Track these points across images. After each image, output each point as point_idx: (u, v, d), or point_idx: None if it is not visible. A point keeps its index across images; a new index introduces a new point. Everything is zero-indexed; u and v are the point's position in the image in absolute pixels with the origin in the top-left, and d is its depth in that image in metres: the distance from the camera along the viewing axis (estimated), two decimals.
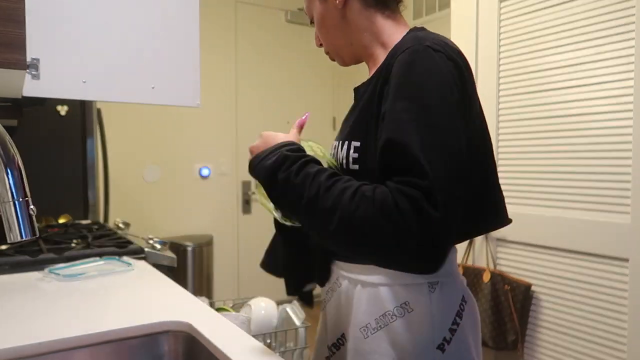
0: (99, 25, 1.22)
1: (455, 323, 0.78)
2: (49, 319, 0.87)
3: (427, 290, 0.77)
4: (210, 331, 0.81)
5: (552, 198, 1.80)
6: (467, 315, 0.80)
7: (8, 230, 0.67)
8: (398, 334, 0.77)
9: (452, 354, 0.77)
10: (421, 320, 0.76)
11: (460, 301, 0.80)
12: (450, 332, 0.77)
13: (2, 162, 0.67)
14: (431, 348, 0.76)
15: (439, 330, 0.77)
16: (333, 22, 0.89)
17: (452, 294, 0.79)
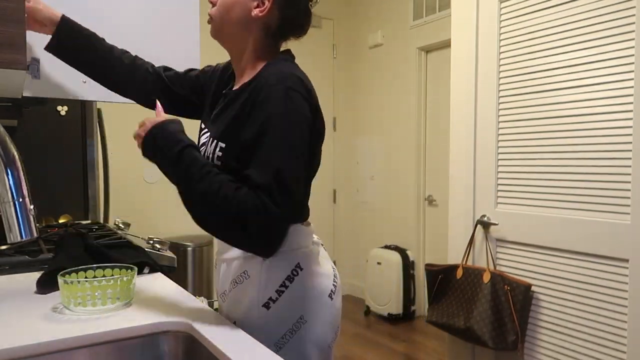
0: (99, 26, 1.22)
1: (284, 285, 0.96)
2: (48, 319, 0.87)
3: (260, 260, 0.97)
4: (210, 331, 0.81)
5: (552, 198, 1.80)
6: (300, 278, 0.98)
7: (8, 231, 0.67)
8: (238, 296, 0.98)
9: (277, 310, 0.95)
10: (253, 283, 0.97)
11: (294, 267, 0.98)
12: (277, 292, 0.95)
13: (2, 162, 0.67)
14: (256, 306, 0.96)
15: (264, 291, 0.96)
16: (240, 14, 1.01)
17: (284, 261, 0.97)
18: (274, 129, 0.90)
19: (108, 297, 0.91)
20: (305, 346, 0.97)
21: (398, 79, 3.91)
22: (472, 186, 2.08)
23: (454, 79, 2.16)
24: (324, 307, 1.00)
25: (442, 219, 3.65)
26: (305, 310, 0.97)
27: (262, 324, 0.95)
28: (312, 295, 0.99)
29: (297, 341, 0.96)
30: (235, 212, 0.84)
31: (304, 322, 0.97)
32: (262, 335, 0.90)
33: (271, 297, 0.96)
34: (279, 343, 0.95)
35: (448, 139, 2.26)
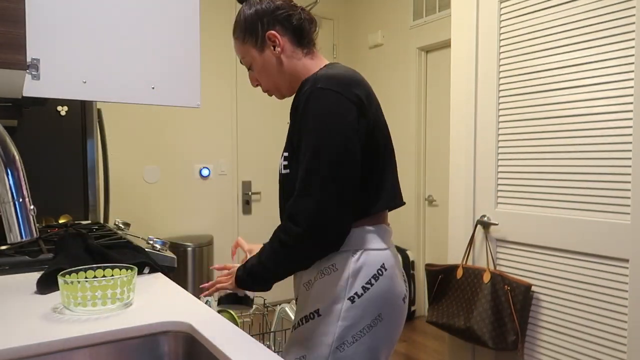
0: (99, 25, 1.22)
1: (370, 283, 1.02)
2: (48, 319, 0.87)
3: (350, 256, 1.03)
4: (210, 331, 0.81)
5: (552, 198, 1.80)
6: (384, 278, 1.04)
7: (8, 231, 0.67)
8: (325, 287, 1.03)
9: (361, 305, 1.01)
10: (340, 277, 1.02)
11: (380, 267, 1.04)
12: (362, 289, 1.02)
13: (2, 162, 0.67)
14: (343, 298, 1.02)
15: (352, 286, 1.02)
16: (273, 67, 1.13)
17: (372, 259, 1.04)
18: (305, 134, 1.00)
19: (108, 297, 0.91)
20: (377, 342, 1.03)
21: (398, 79, 3.91)
22: (472, 186, 2.08)
23: (454, 79, 2.16)
24: (398, 309, 1.07)
25: (442, 219, 3.65)
26: (384, 309, 1.04)
27: (345, 316, 1.01)
28: (391, 296, 1.05)
29: (372, 336, 1.02)
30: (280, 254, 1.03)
31: (381, 320, 1.03)
32: (342, 325, 1.00)
33: (357, 292, 1.01)
34: (356, 335, 1.01)
35: (448, 139, 2.26)
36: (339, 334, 1.00)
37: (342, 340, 1.00)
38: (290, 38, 1.11)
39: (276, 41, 1.10)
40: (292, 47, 1.12)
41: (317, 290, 1.05)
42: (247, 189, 3.92)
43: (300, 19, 1.11)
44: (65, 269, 0.98)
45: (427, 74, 3.78)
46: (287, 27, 1.11)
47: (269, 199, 4.00)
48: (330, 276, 1.03)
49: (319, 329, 1.02)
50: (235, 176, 3.88)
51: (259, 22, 1.10)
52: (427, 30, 3.64)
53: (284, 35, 1.11)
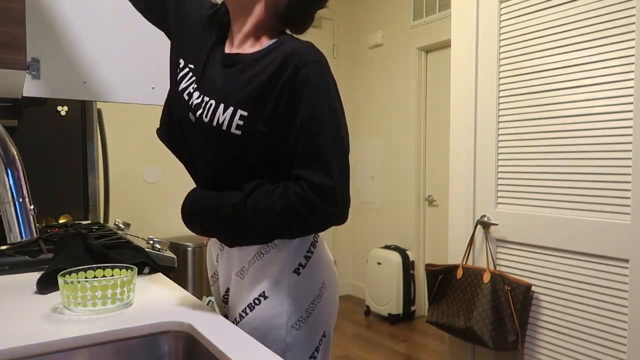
0: (99, 26, 1.22)
1: (310, 251, 0.98)
2: (48, 319, 0.87)
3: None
4: (210, 331, 0.81)
5: (552, 199, 1.80)
6: (320, 244, 1.01)
7: (8, 231, 0.67)
8: (265, 267, 0.96)
9: (305, 277, 0.96)
10: (282, 251, 0.96)
11: (312, 238, 1.00)
12: (305, 258, 0.97)
13: (2, 162, 0.67)
14: (287, 272, 0.96)
15: (294, 258, 0.96)
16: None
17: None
18: (323, 114, 0.90)
19: (108, 297, 0.91)
20: (325, 312, 0.99)
21: (398, 79, 3.91)
22: (472, 186, 2.08)
23: (454, 79, 2.16)
24: (334, 275, 1.04)
25: (442, 219, 3.65)
26: (325, 276, 1.00)
27: (293, 291, 0.95)
28: (327, 261, 1.02)
29: (321, 307, 0.98)
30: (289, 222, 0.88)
31: (325, 288, 0.99)
32: (293, 302, 0.94)
33: (300, 263, 0.96)
34: (309, 309, 0.96)
35: (448, 139, 2.26)
36: (292, 311, 0.94)
37: (296, 318, 0.95)
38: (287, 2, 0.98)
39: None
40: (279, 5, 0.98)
41: (255, 274, 0.97)
42: None
43: (305, 10, 1.01)
44: (65, 269, 0.98)
45: (427, 74, 3.78)
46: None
47: None
48: (269, 254, 0.96)
49: (269, 311, 0.94)
50: None
51: None
52: (427, 30, 3.64)
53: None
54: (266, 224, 0.89)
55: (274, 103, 0.91)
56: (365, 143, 4.25)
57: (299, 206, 0.87)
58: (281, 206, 0.87)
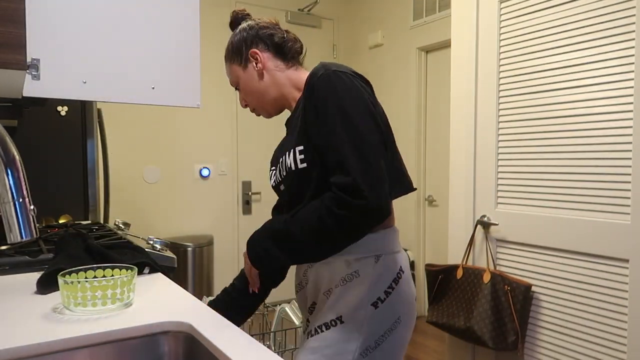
0: (99, 25, 1.22)
1: (391, 287, 1.03)
2: (48, 319, 0.87)
3: (373, 262, 1.03)
4: (210, 331, 0.81)
5: (552, 199, 1.80)
6: (403, 282, 1.05)
7: (8, 231, 0.67)
8: (346, 293, 1.03)
9: (383, 310, 1.02)
10: (363, 282, 1.02)
11: (399, 270, 1.05)
12: (385, 293, 1.02)
13: (2, 162, 0.67)
14: (366, 304, 1.01)
15: (374, 291, 1.02)
16: (255, 83, 1.16)
17: (392, 263, 1.05)
18: (332, 118, 0.97)
19: (108, 297, 0.91)
20: (396, 344, 1.04)
21: (398, 79, 3.91)
22: (472, 186, 2.08)
23: (454, 79, 2.16)
24: (413, 309, 1.09)
25: (442, 219, 3.65)
26: (402, 311, 1.05)
27: (368, 322, 1.01)
28: (408, 297, 1.07)
29: (392, 339, 1.03)
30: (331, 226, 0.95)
31: (399, 323, 1.04)
32: (366, 332, 1.00)
33: (380, 298, 1.02)
34: (379, 340, 1.01)
35: (448, 139, 2.26)
36: (363, 340, 1.00)
37: (365, 346, 1.00)
38: (272, 54, 1.16)
39: (257, 57, 1.15)
40: (275, 61, 1.16)
41: (338, 297, 1.04)
42: (247, 189, 3.92)
43: (282, 38, 1.17)
44: (65, 269, 0.98)
45: (427, 74, 3.78)
46: (270, 44, 1.16)
47: (269, 199, 4.00)
48: (352, 282, 1.03)
49: (342, 335, 1.01)
50: (235, 176, 3.88)
51: (244, 43, 1.17)
52: (427, 30, 3.64)
53: (265, 51, 1.16)
54: (313, 231, 0.97)
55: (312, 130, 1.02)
56: None
57: (333, 207, 0.94)
58: (319, 212, 0.96)
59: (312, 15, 4.15)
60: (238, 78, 1.19)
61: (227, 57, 1.22)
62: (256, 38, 1.16)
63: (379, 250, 1.04)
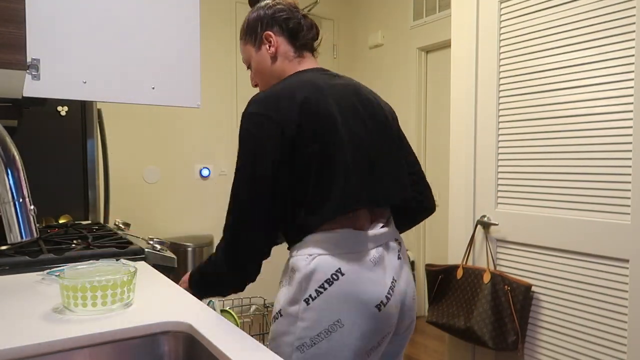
0: (99, 26, 1.22)
1: (323, 287, 1.01)
2: (48, 319, 0.87)
3: (304, 260, 1.04)
4: (210, 331, 0.81)
5: (552, 199, 1.80)
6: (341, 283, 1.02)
7: (8, 231, 0.67)
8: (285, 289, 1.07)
9: (316, 308, 1.01)
10: (298, 279, 1.04)
11: (335, 271, 1.02)
12: (316, 292, 1.01)
13: (2, 162, 0.67)
14: (299, 299, 1.03)
15: (306, 289, 1.02)
16: (267, 65, 1.19)
17: (326, 264, 1.02)
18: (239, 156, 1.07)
19: (108, 297, 0.91)
20: (339, 349, 1.00)
21: (398, 79, 3.91)
22: (472, 186, 2.08)
23: (454, 79, 2.16)
24: (365, 316, 1.02)
25: (442, 219, 3.65)
26: (343, 315, 1.01)
27: (303, 317, 1.02)
28: (352, 301, 1.01)
29: (331, 342, 1.00)
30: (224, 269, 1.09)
31: (341, 326, 1.01)
32: (301, 326, 1.02)
33: (310, 295, 1.02)
34: (315, 339, 1.00)
35: (448, 139, 2.26)
36: (299, 334, 1.02)
37: (302, 341, 1.01)
38: (286, 39, 1.18)
39: (271, 40, 1.17)
40: (287, 47, 1.18)
41: (281, 292, 1.09)
42: None
43: (298, 23, 1.18)
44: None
45: (427, 74, 3.78)
46: (284, 29, 1.17)
47: None
48: (290, 279, 1.06)
49: (282, 328, 1.05)
50: None
51: (259, 23, 1.18)
52: (427, 30, 3.64)
53: (279, 35, 1.17)
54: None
55: None
56: None
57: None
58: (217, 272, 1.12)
59: (312, 15, 4.15)
60: (250, 58, 1.21)
61: (242, 36, 1.23)
62: (272, 20, 1.17)
63: (311, 251, 1.03)
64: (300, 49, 1.19)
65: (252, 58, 1.20)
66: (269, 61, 1.18)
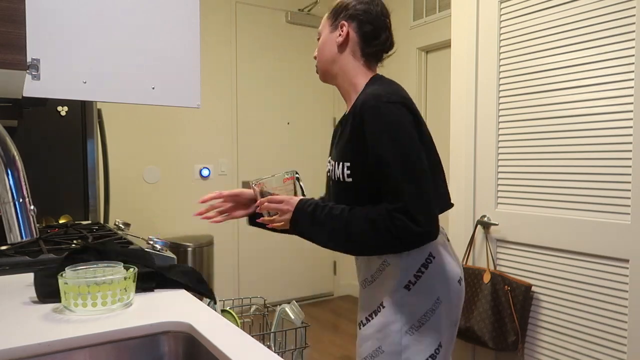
0: (100, 26, 1.22)
1: (420, 271, 1.15)
2: (48, 319, 0.87)
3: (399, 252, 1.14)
4: (210, 331, 0.81)
5: (552, 199, 1.80)
6: (434, 265, 1.16)
7: (8, 231, 0.67)
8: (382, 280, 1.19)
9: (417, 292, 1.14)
10: (394, 270, 1.16)
11: (428, 256, 1.16)
12: (414, 277, 1.15)
13: (2, 163, 0.67)
14: (399, 287, 1.15)
15: (404, 276, 1.15)
16: (331, 49, 1.26)
17: (418, 251, 1.16)
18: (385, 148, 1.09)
19: (108, 297, 0.91)
20: (441, 322, 1.15)
21: (398, 79, 3.90)
22: (472, 186, 2.08)
23: (454, 79, 2.16)
24: (454, 290, 1.19)
25: (442, 219, 3.64)
26: (441, 292, 1.16)
27: (404, 303, 1.15)
28: (444, 279, 1.17)
29: (435, 319, 1.15)
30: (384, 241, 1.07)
31: (440, 302, 1.15)
32: (406, 312, 1.14)
33: (410, 281, 1.14)
34: (422, 319, 1.14)
35: (448, 139, 2.26)
36: (405, 319, 1.14)
37: (409, 325, 1.13)
38: (359, 39, 1.24)
39: (344, 30, 1.23)
40: (356, 46, 1.24)
41: (376, 286, 1.20)
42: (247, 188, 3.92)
43: (372, 33, 1.24)
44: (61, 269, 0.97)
45: (427, 74, 3.78)
46: (361, 29, 1.23)
47: None
48: (385, 272, 1.18)
49: (387, 319, 1.15)
50: (235, 176, 3.88)
51: (345, 10, 1.25)
52: (427, 30, 3.64)
53: (355, 32, 1.24)
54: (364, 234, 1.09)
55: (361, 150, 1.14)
56: None
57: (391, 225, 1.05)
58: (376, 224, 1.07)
59: (312, 16, 4.15)
60: (322, 33, 1.30)
61: (330, 11, 1.30)
62: (356, 16, 1.23)
63: None
64: (367, 56, 1.26)
65: (323, 34, 1.29)
66: (335, 48, 1.25)
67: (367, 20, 1.22)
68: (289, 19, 4.01)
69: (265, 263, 3.97)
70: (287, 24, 4.03)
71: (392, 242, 1.06)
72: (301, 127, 4.17)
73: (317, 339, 3.34)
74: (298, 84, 4.12)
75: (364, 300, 1.24)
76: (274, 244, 4.00)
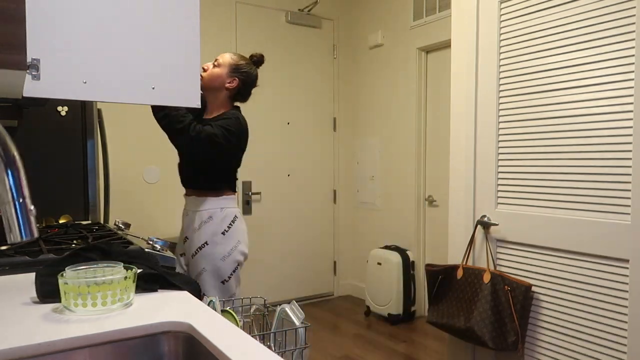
0: (99, 26, 1.22)
1: (231, 223, 1.92)
2: (48, 319, 0.87)
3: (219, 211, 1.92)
4: (210, 331, 0.81)
5: (552, 199, 1.80)
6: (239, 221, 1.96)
7: (8, 231, 0.67)
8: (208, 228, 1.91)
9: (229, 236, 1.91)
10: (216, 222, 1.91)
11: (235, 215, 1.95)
12: (228, 227, 1.91)
13: (2, 163, 0.67)
14: (219, 232, 1.91)
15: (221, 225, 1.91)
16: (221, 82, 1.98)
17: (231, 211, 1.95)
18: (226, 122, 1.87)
19: (108, 297, 0.91)
20: (238, 254, 1.93)
21: (398, 79, 3.90)
22: (472, 186, 2.08)
23: (454, 79, 2.16)
24: (245, 236, 1.98)
25: (442, 219, 3.65)
26: (239, 238, 1.94)
27: (222, 241, 1.90)
28: (242, 230, 1.97)
29: (237, 251, 1.92)
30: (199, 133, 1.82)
31: (240, 242, 1.94)
32: (222, 248, 1.89)
33: (225, 229, 1.91)
34: (231, 251, 1.90)
35: (448, 139, 2.26)
36: (224, 250, 1.89)
37: (224, 254, 1.89)
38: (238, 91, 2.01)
39: (233, 83, 1.98)
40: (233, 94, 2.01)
41: (203, 231, 1.90)
42: (247, 189, 3.92)
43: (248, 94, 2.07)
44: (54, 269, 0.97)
45: (427, 74, 3.78)
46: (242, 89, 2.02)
47: (269, 199, 4.00)
48: (209, 222, 1.90)
49: (211, 250, 1.88)
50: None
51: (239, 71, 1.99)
52: (427, 30, 3.64)
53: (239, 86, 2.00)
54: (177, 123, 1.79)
55: None
56: (365, 143, 4.25)
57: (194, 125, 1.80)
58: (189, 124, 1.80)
59: (312, 16, 4.15)
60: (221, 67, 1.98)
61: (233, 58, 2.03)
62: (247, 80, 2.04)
63: (223, 205, 1.92)
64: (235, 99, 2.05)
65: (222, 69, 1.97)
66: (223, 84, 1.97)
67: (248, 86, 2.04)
68: (289, 19, 4.00)
69: (265, 263, 3.97)
70: (287, 24, 4.03)
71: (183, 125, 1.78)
72: (301, 127, 4.17)
73: (317, 339, 3.34)
74: (298, 84, 4.12)
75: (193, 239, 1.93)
76: (274, 244, 4.00)
